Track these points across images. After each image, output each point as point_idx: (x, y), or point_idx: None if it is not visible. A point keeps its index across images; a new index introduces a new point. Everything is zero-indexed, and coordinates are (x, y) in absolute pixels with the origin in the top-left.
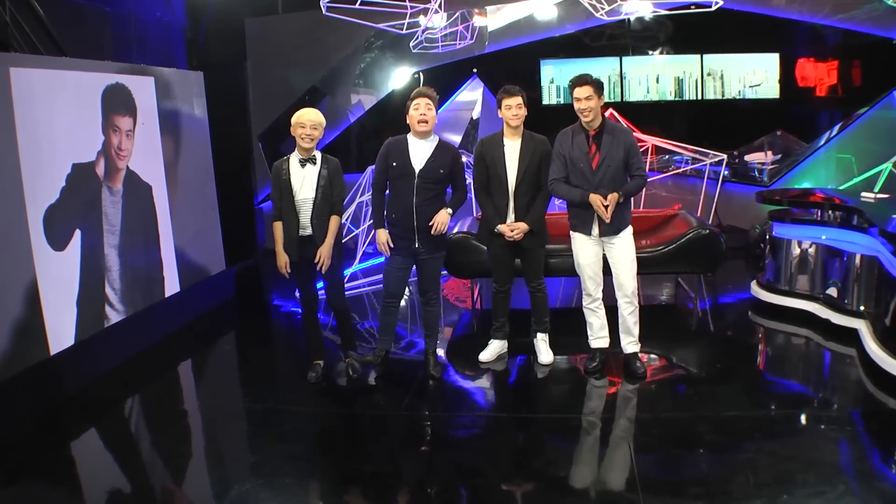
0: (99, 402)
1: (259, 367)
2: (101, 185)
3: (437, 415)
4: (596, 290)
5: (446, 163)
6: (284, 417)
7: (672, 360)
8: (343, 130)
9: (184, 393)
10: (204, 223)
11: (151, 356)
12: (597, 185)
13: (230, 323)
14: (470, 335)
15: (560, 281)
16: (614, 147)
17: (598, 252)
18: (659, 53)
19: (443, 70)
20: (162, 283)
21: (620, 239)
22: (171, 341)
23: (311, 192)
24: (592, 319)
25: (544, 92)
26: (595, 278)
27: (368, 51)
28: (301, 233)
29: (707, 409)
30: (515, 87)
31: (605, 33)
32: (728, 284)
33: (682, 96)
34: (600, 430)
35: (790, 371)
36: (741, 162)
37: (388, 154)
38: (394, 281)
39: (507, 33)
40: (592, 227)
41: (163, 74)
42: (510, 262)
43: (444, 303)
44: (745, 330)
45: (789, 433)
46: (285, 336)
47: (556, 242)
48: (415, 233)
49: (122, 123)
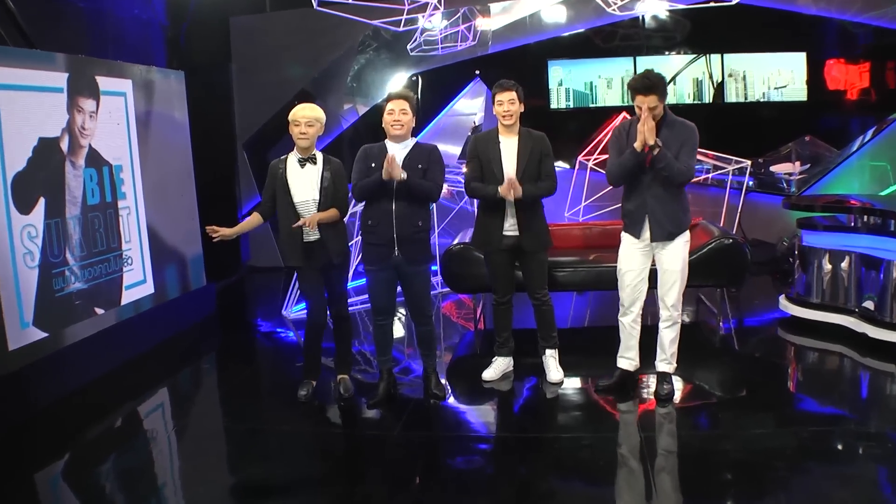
0: (66, 423)
1: (242, 386)
2: (65, 158)
3: (437, 435)
4: (632, 302)
5: (423, 157)
6: (268, 437)
7: (695, 381)
8: (335, 137)
9: (159, 413)
10: (183, 234)
11: (124, 374)
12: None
13: (211, 341)
14: (473, 355)
15: (571, 298)
16: (671, 143)
17: (645, 262)
18: (676, 53)
19: (443, 73)
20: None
21: (673, 245)
22: (145, 359)
23: (313, 193)
24: (623, 335)
25: (552, 95)
26: (634, 289)
27: (363, 52)
28: (305, 238)
29: (734, 428)
30: (510, 80)
31: (618, 32)
32: (754, 301)
33: (701, 99)
34: (616, 452)
35: (824, 389)
36: (767, 171)
37: (367, 157)
38: (379, 296)
39: (511, 32)
40: (643, 229)
41: (140, 73)
42: (510, 270)
43: (443, 322)
44: (773, 347)
45: (824, 452)
46: (271, 356)
47: (563, 255)
48: (394, 241)
49: (86, 105)
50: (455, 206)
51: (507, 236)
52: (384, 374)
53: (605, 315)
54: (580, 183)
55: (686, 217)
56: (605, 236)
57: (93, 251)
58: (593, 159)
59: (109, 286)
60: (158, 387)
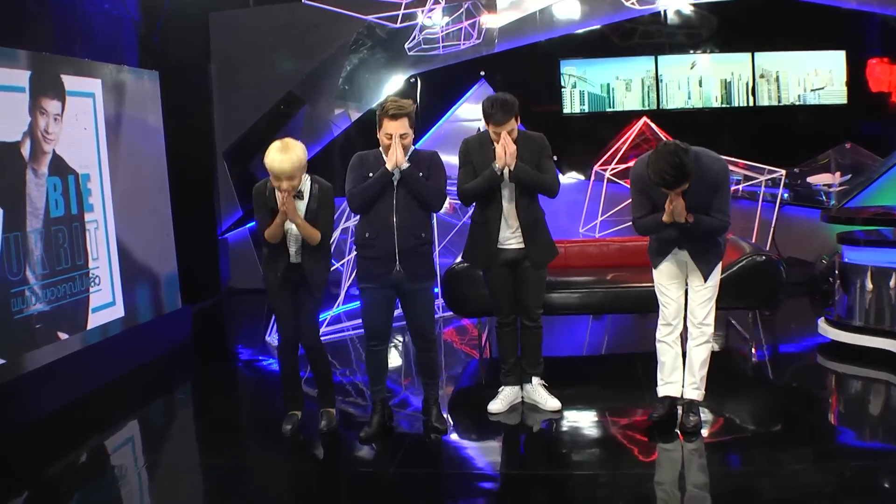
0: (24, 459)
1: (220, 419)
2: (26, 166)
3: (438, 473)
4: (675, 318)
5: (424, 164)
6: (249, 475)
7: (725, 413)
8: (325, 146)
9: (128, 448)
10: (157, 251)
11: (90, 405)
12: None
13: (186, 370)
14: (477, 385)
15: (586, 322)
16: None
17: (682, 273)
18: (702, 52)
19: (445, 74)
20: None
21: None
22: (114, 388)
23: None
24: (665, 357)
25: (565, 98)
26: (673, 304)
27: (356, 51)
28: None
29: (769, 465)
30: (508, 104)
31: (638, 28)
32: (790, 325)
33: (730, 102)
34: (637, 492)
35: (868, 421)
36: (803, 182)
37: (362, 165)
38: (374, 318)
39: (520, 29)
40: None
41: (111, 72)
42: (512, 288)
43: (445, 349)
44: (812, 375)
45: (868, 491)
46: (252, 386)
47: (578, 274)
48: (395, 256)
49: (51, 107)
50: (457, 221)
51: (507, 249)
52: (378, 405)
53: (625, 341)
54: (596, 195)
55: (724, 245)
56: (624, 254)
57: (56, 269)
58: (611, 169)
59: (74, 308)
60: (128, 419)
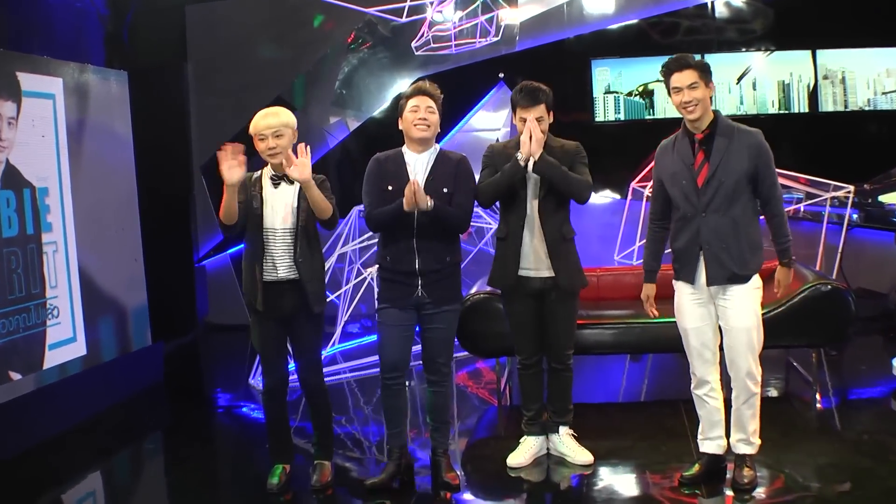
0: None
1: (195, 472)
2: None
3: None
4: (705, 369)
5: (449, 174)
6: None
7: (784, 469)
8: (319, 158)
9: None
10: (124, 279)
11: (45, 455)
12: (705, 210)
13: (157, 416)
14: (496, 437)
15: (623, 364)
16: (732, 155)
17: (709, 313)
18: (756, 50)
19: (458, 76)
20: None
21: (737, 294)
22: (73, 436)
23: (288, 220)
24: (702, 412)
25: (597, 104)
26: (703, 351)
27: (355, 50)
28: (267, 276)
29: None
30: (537, 89)
31: (681, 23)
32: (860, 365)
33: (788, 108)
34: None
35: None
36: (874, 201)
37: (381, 174)
38: (392, 345)
39: (544, 25)
40: (697, 271)
41: (73, 72)
42: (537, 323)
43: (458, 395)
44: (886, 424)
45: None
46: (233, 436)
47: (613, 307)
48: (417, 277)
49: (3, 109)
50: (473, 248)
51: (532, 278)
52: (395, 452)
53: (668, 386)
54: (634, 217)
55: (755, 256)
56: (668, 285)
57: (7, 298)
58: (650, 186)
59: (28, 344)
60: (88, 471)
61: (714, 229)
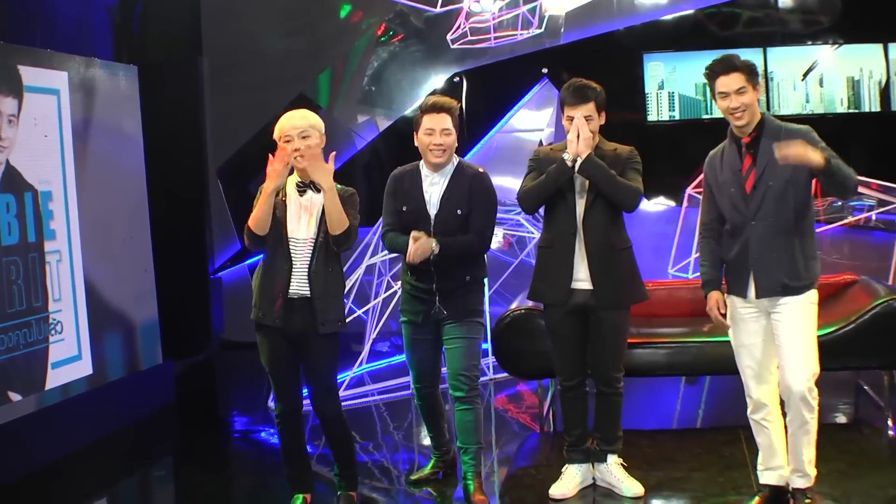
0: None
1: (209, 501)
2: None
3: None
4: (762, 391)
5: (463, 193)
6: None
7: (851, 502)
8: (345, 162)
9: None
10: (133, 291)
11: (47, 481)
12: (754, 217)
13: (167, 440)
14: (537, 465)
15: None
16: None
17: (763, 329)
18: (823, 44)
19: (497, 72)
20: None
21: (788, 307)
22: (77, 462)
23: (310, 230)
24: (760, 439)
25: (650, 102)
26: (759, 371)
27: (385, 43)
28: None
29: None
30: (585, 87)
31: (741, 14)
32: None
33: (858, 106)
34: None
35: None
36: None
37: (396, 194)
38: (419, 357)
39: (591, 16)
40: (748, 284)
41: (78, 67)
42: (580, 341)
43: (496, 419)
44: None
45: None
46: (249, 463)
47: (666, 325)
48: (435, 294)
49: (4, 105)
50: (513, 259)
51: (577, 290)
52: (438, 450)
53: (726, 411)
54: (690, 226)
55: (809, 267)
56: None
57: (7, 312)
58: None
59: (29, 362)
60: (93, 500)
61: (763, 237)
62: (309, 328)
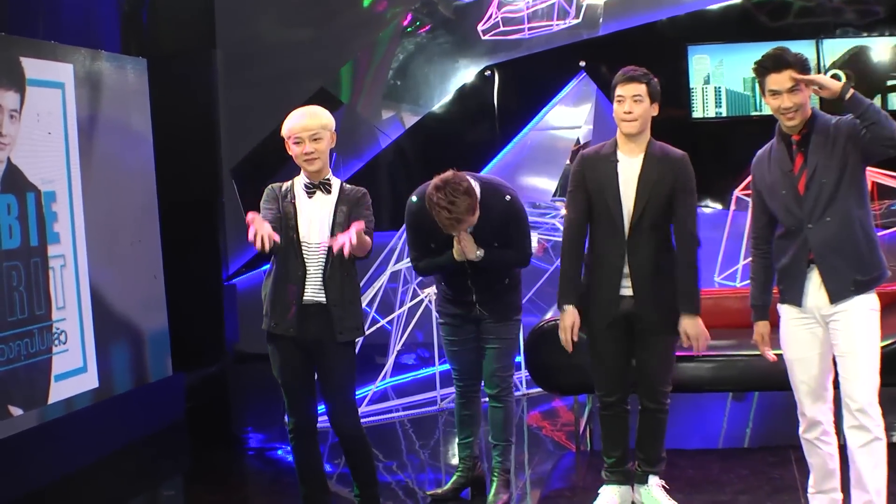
0: None
1: None
2: None
3: None
4: (816, 408)
5: (495, 226)
6: None
7: None
8: (369, 161)
9: None
10: (141, 299)
11: (50, 499)
12: (810, 219)
13: (178, 458)
14: (572, 487)
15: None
16: (830, 149)
17: (819, 341)
18: (879, 35)
19: (531, 65)
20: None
21: (849, 312)
22: (82, 479)
23: (321, 234)
24: (813, 459)
25: (695, 97)
26: (814, 386)
27: (411, 35)
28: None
29: None
30: (639, 70)
31: (793, 3)
32: None
33: None
34: None
35: None
36: None
37: (422, 228)
38: (460, 355)
39: (633, 4)
40: (804, 291)
41: (84, 59)
42: (622, 354)
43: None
44: None
45: None
46: (265, 482)
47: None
48: (474, 302)
49: (5, 100)
50: (549, 266)
51: (625, 297)
52: (464, 463)
53: (776, 429)
54: (737, 230)
55: (873, 253)
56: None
57: (7, 320)
58: None
59: (31, 374)
60: None
61: (825, 240)
62: (325, 336)
